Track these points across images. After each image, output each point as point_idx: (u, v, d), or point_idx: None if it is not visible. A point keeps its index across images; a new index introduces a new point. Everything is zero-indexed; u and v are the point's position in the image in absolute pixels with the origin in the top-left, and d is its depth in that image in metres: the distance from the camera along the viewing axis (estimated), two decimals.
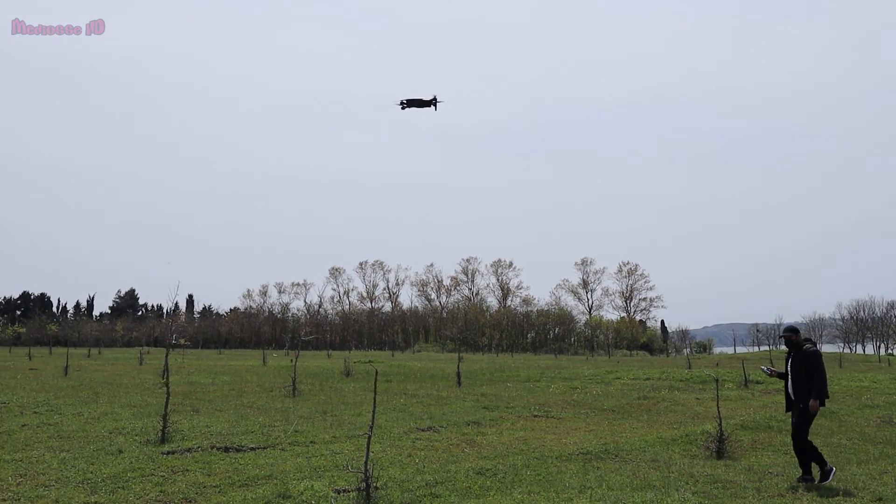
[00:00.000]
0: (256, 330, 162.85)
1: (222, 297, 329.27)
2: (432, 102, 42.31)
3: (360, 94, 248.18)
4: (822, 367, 11.25)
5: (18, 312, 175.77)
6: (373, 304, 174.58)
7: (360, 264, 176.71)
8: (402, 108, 42.56)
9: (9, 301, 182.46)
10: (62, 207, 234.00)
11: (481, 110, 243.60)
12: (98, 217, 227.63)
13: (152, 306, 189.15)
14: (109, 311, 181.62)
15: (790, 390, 11.52)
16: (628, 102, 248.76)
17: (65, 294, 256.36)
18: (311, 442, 14.91)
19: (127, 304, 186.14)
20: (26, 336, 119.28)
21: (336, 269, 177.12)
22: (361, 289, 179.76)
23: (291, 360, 50.00)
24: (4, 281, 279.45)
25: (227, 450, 13.63)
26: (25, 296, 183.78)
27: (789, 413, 12.15)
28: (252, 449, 13.81)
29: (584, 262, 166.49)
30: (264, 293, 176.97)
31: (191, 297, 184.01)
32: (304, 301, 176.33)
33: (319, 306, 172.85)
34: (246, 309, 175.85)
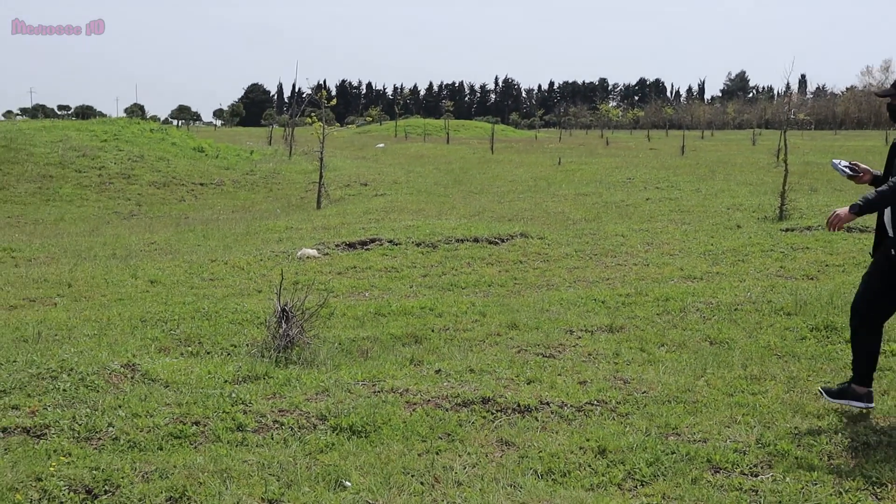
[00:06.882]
0: (876, 110, 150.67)
1: (837, 76, 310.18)
2: None
3: None
4: None
5: (636, 98, 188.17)
6: None
7: None
8: None
9: (627, 87, 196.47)
10: None
11: None
12: None
13: (762, 88, 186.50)
14: (720, 94, 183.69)
15: (887, 218, 4.90)
16: None
17: (677, 79, 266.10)
18: None
19: (737, 86, 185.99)
20: (644, 119, 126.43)
21: None
22: None
23: None
24: (624, 68, 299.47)
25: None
26: (642, 81, 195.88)
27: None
28: None
29: None
30: (886, 69, 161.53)
31: (803, 76, 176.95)
32: None
33: None
34: (864, 87, 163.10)
